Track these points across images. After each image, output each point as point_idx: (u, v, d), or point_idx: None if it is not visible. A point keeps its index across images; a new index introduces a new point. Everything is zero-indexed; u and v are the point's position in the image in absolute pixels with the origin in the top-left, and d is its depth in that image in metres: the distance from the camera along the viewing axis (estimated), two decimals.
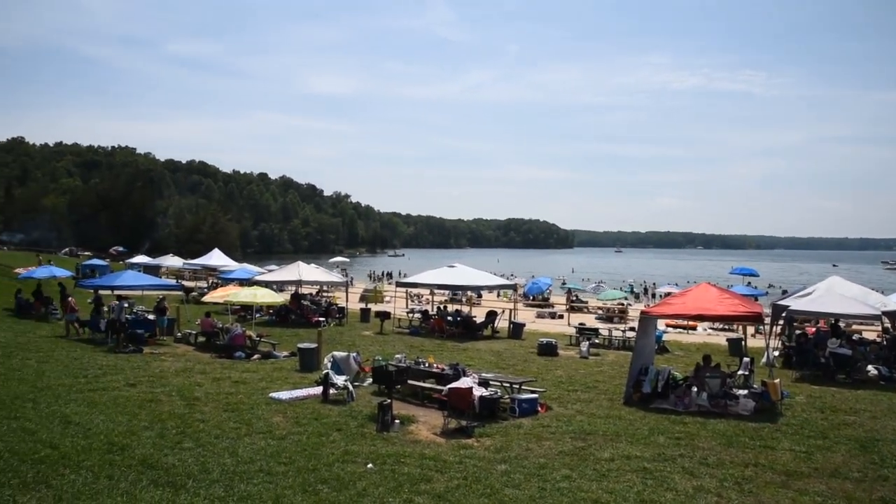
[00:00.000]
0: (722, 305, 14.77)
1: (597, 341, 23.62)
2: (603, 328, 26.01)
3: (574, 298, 42.66)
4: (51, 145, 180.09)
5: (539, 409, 12.94)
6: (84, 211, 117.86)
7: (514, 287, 33.97)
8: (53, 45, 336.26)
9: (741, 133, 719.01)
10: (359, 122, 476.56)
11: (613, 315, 34.20)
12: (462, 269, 28.03)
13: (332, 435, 10.92)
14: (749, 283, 47.28)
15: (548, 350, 21.17)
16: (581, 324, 27.32)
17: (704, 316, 16.21)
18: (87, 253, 74.08)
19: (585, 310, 38.40)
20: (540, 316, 35.80)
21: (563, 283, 57.92)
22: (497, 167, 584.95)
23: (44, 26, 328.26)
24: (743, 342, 20.18)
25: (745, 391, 13.80)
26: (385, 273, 76.01)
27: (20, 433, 8.85)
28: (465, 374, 13.79)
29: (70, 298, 23.59)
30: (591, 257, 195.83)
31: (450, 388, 11.96)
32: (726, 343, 23.14)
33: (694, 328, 28.77)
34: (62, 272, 32.76)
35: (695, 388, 13.73)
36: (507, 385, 14.10)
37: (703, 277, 55.06)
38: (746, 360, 15.93)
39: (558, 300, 43.57)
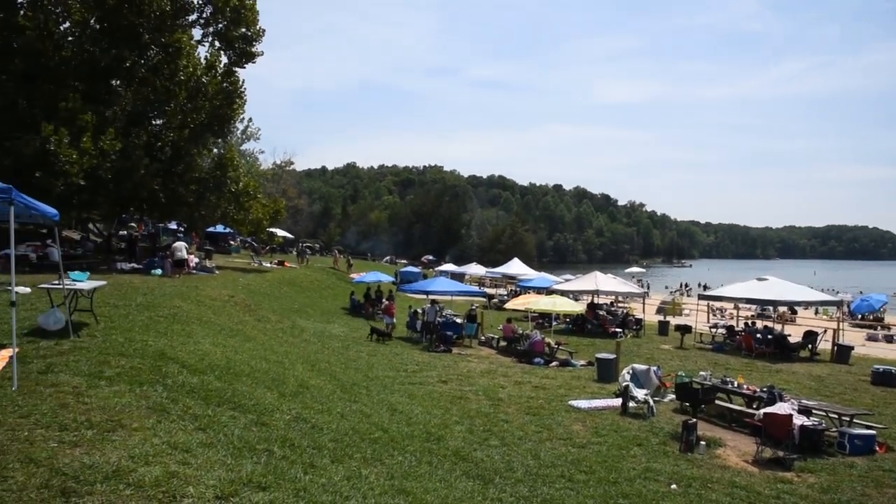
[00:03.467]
0: None
1: None
2: None
3: None
4: (375, 168, 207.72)
5: (877, 448, 11.10)
6: (401, 224, 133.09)
7: (837, 304, 29.73)
8: (377, 81, 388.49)
9: None
10: (654, 129, 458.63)
11: None
12: (774, 282, 25.32)
13: (633, 449, 10.69)
14: None
15: (886, 379, 18.04)
16: None
17: None
18: (403, 261, 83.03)
19: None
20: (872, 338, 30.72)
21: None
22: (812, 168, 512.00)
23: (370, 67, 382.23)
24: None
25: None
26: (683, 285, 72.19)
27: (359, 415, 10.23)
28: (781, 399, 12.44)
29: (388, 303, 26.70)
30: None
31: (765, 413, 10.90)
32: None
33: None
34: (387, 277, 37.38)
35: None
36: (835, 416, 12.36)
37: None
38: None
39: None
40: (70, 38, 24.30)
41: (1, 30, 22.57)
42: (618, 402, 13.66)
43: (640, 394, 13.52)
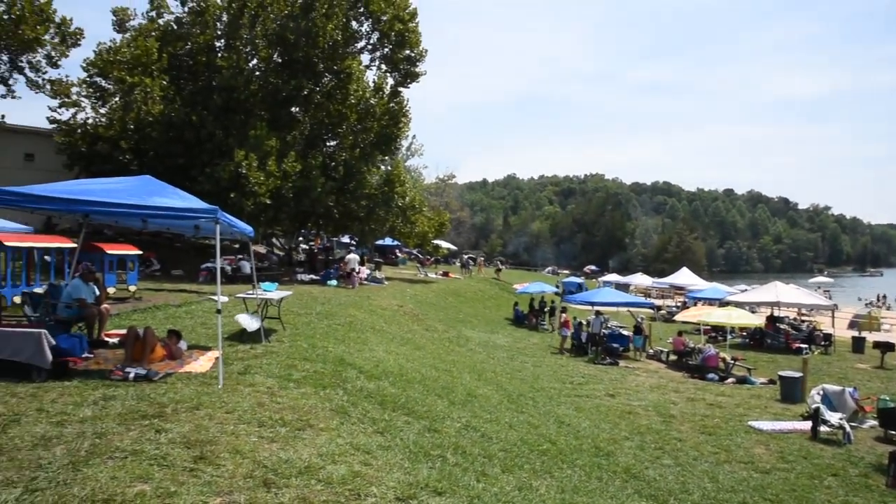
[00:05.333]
0: None
1: None
2: None
3: None
4: (535, 178, 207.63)
5: None
6: (562, 233, 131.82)
7: None
8: (534, 92, 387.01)
9: None
10: (839, 123, 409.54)
11: None
12: None
13: (827, 479, 9.73)
14: None
15: None
16: None
17: None
18: (565, 271, 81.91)
19: None
20: None
21: None
22: None
23: (526, 78, 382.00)
24: None
25: None
26: (881, 296, 64.57)
27: (526, 426, 10.22)
28: None
29: (564, 315, 26.23)
30: None
31: None
32: None
33: None
34: (550, 288, 37.15)
35: None
36: None
37: None
38: None
39: None
40: (257, 73, 26.89)
41: (205, 71, 25.64)
42: (806, 425, 12.50)
43: (833, 417, 12.29)
